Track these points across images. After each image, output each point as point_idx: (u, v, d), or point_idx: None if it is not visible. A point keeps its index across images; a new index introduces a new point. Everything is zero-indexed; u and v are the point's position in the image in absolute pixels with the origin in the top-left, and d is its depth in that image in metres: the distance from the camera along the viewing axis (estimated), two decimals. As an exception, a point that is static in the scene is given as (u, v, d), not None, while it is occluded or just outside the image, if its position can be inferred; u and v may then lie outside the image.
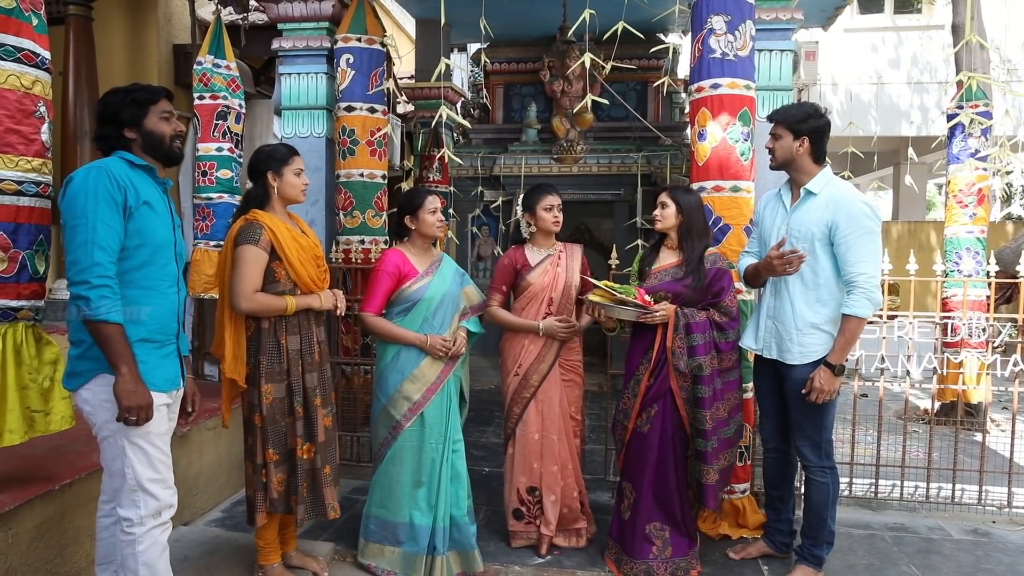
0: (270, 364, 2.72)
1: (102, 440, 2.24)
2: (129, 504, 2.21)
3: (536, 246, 3.32)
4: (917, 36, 11.39)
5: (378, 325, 3.03)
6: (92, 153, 4.65)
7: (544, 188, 3.29)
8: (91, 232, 2.10)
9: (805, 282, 2.87)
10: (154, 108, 2.28)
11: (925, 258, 3.95)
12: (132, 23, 5.52)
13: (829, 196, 2.85)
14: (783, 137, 2.91)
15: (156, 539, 2.24)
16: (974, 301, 5.28)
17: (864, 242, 2.76)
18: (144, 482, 2.21)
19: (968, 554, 3.36)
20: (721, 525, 3.47)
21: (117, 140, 2.27)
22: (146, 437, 2.21)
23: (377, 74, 4.40)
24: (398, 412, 3.00)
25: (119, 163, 2.22)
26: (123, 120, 2.25)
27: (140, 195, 2.20)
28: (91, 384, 2.19)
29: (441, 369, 3.02)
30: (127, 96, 2.26)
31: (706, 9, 3.44)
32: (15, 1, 2.45)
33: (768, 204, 3.12)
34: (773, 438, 3.14)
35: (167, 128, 2.31)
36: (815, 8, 6.21)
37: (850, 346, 2.81)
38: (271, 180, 2.77)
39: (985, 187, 5.41)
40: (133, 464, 2.20)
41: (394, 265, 3.03)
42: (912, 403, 6.11)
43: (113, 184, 2.14)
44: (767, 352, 3.00)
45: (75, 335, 2.21)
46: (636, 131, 7.22)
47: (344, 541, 3.30)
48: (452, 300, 3.08)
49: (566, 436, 3.26)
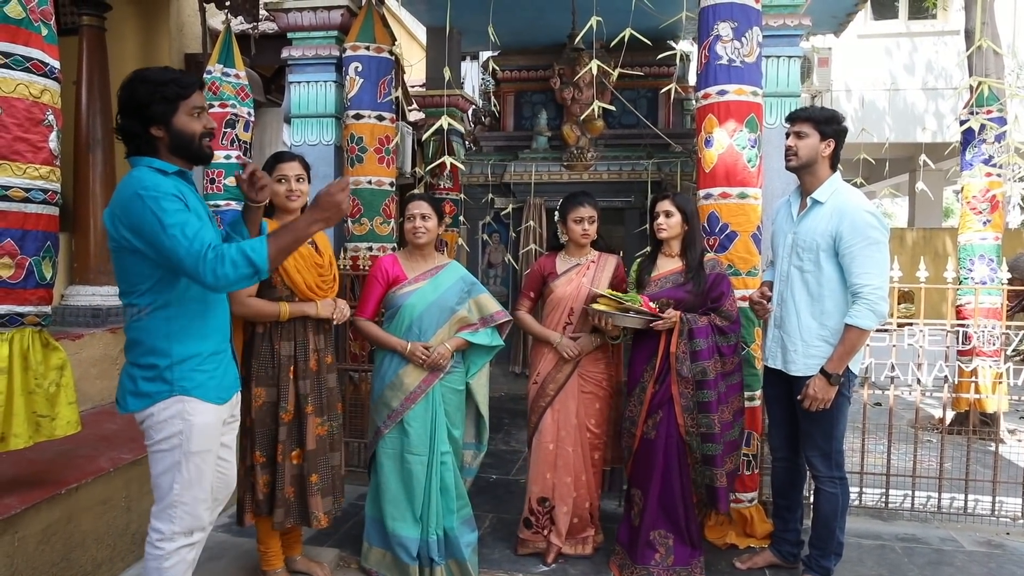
0: (261, 368, 2.74)
1: (156, 453, 2.15)
2: (165, 518, 2.15)
3: (568, 255, 3.32)
4: (932, 42, 11.30)
5: (364, 328, 3.05)
6: (104, 162, 4.72)
7: (576, 199, 3.25)
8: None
9: (810, 293, 2.84)
10: (184, 104, 2.11)
11: (941, 265, 3.90)
12: (144, 33, 5.60)
13: (834, 206, 2.80)
14: (809, 136, 2.83)
15: (183, 557, 2.18)
16: (988, 309, 5.21)
17: (869, 252, 2.71)
18: (189, 500, 2.14)
19: (981, 566, 3.31)
20: (728, 534, 3.44)
21: (141, 138, 2.11)
22: (204, 456, 2.16)
23: (385, 82, 4.43)
24: (379, 418, 3.02)
25: (150, 174, 2.07)
26: (150, 117, 2.08)
27: (190, 203, 2.09)
28: (163, 402, 2.10)
29: (422, 379, 2.96)
30: (156, 90, 2.07)
31: (712, 16, 3.43)
32: (25, 12, 2.48)
33: (779, 212, 3.10)
34: (781, 447, 3.11)
35: (197, 126, 2.15)
36: (826, 14, 6.19)
37: (849, 356, 2.75)
38: None
39: (999, 193, 5.34)
40: (184, 482, 2.13)
41: (382, 270, 3.05)
42: (927, 412, 6.04)
43: (171, 194, 2.02)
44: (771, 361, 2.98)
45: (144, 359, 2.12)
46: (647, 138, 7.19)
47: (349, 547, 3.30)
48: (442, 310, 3.00)
49: (582, 448, 3.24)
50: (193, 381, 2.13)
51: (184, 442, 2.11)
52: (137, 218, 1.99)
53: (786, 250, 2.94)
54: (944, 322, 3.91)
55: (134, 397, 2.13)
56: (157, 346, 2.11)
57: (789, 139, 2.89)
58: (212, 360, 2.18)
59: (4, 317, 2.47)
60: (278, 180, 2.78)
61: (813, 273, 2.81)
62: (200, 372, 2.14)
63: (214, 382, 2.17)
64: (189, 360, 2.13)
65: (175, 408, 2.10)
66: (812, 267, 2.82)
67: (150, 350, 2.11)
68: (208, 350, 2.17)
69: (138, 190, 2.01)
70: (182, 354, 2.12)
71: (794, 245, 2.89)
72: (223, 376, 2.23)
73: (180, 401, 2.10)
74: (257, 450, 2.75)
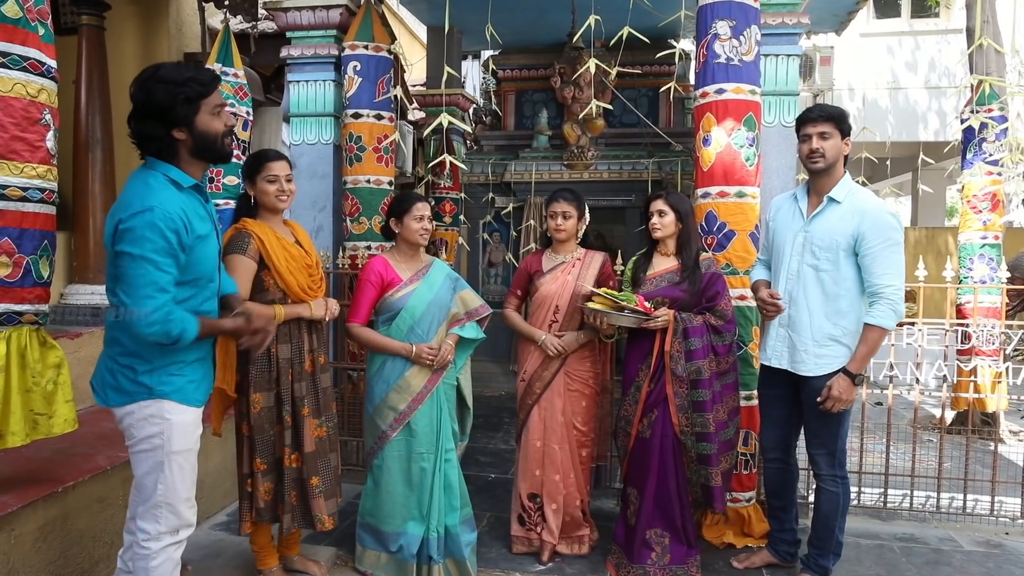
0: (259, 373, 2.73)
1: (137, 453, 2.16)
2: (150, 518, 2.15)
3: (554, 252, 3.32)
4: (935, 40, 11.27)
5: (363, 335, 2.99)
6: (104, 161, 4.72)
7: (554, 195, 3.27)
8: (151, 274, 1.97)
9: (826, 292, 2.81)
10: (206, 104, 2.05)
11: (942, 264, 3.89)
12: (144, 32, 5.61)
13: (853, 205, 2.79)
14: (832, 136, 2.79)
15: (170, 556, 2.19)
16: (988, 308, 5.20)
17: (889, 253, 2.71)
18: (174, 500, 2.15)
19: (979, 566, 3.30)
20: (726, 534, 3.43)
21: (162, 141, 2.05)
22: (187, 456, 2.17)
23: (384, 81, 4.43)
24: (384, 422, 2.97)
25: (169, 194, 2.02)
26: (173, 120, 2.02)
27: (193, 230, 2.06)
28: (140, 402, 2.11)
29: (428, 379, 2.97)
30: (177, 91, 2.00)
31: (711, 14, 3.42)
32: (22, 11, 2.49)
33: (781, 210, 3.04)
34: (775, 447, 3.10)
35: (219, 124, 2.10)
36: (827, 13, 6.17)
37: (871, 356, 2.75)
38: (249, 189, 2.77)
39: (999, 192, 5.33)
40: (168, 481, 2.13)
41: (376, 274, 2.98)
42: (926, 412, 6.03)
43: (168, 227, 1.98)
44: (776, 361, 2.95)
45: (124, 359, 2.11)
46: (647, 137, 7.19)
47: (346, 546, 3.30)
48: (440, 308, 3.02)
49: (569, 445, 3.24)
50: (172, 386, 2.12)
51: (165, 442, 2.12)
52: (129, 228, 1.96)
53: (796, 248, 2.90)
54: (943, 321, 3.90)
55: (114, 392, 2.13)
56: (140, 351, 2.09)
57: (813, 141, 2.80)
58: (193, 366, 2.18)
59: (1, 315, 2.46)
60: (268, 180, 2.74)
61: (830, 272, 2.79)
62: (180, 377, 2.14)
63: (193, 386, 2.18)
64: (169, 366, 2.12)
65: (154, 408, 2.10)
66: (830, 266, 2.80)
67: (130, 352, 2.10)
68: (190, 358, 2.17)
69: (146, 207, 1.97)
70: (165, 360, 2.11)
71: (806, 244, 2.86)
72: (202, 380, 2.24)
73: (158, 403, 2.11)
74: (257, 457, 2.73)
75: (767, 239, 3.12)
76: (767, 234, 3.12)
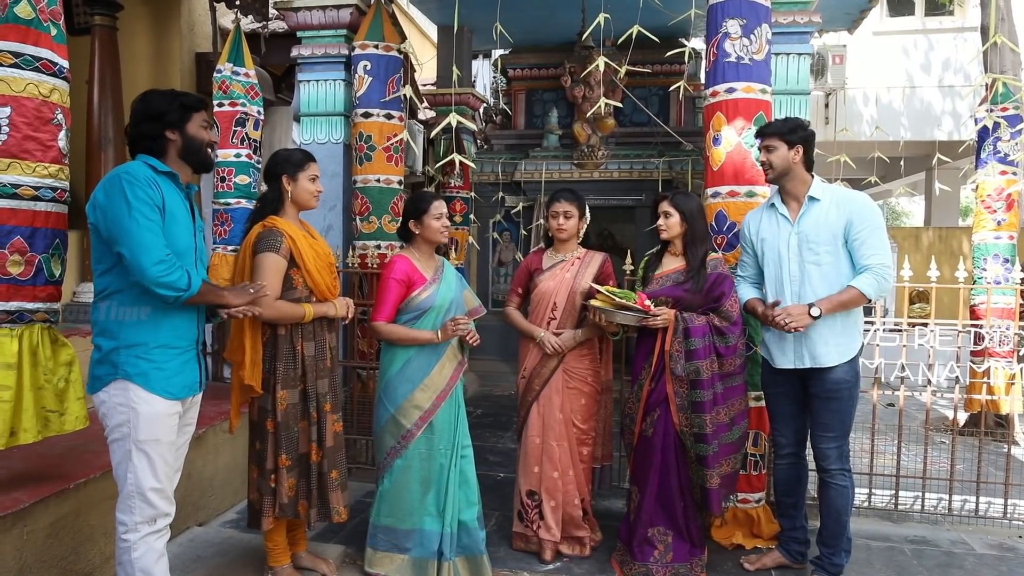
0: (286, 370, 2.75)
1: (111, 443, 2.27)
2: (125, 509, 2.24)
3: (555, 251, 3.33)
4: (949, 39, 11.16)
5: (393, 331, 2.96)
6: (116, 160, 4.75)
7: (556, 195, 3.28)
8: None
9: (831, 284, 2.88)
10: (197, 115, 2.32)
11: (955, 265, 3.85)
12: (156, 32, 5.64)
13: (835, 199, 2.93)
14: (778, 148, 2.94)
15: (151, 546, 2.25)
16: (1002, 309, 5.14)
17: (877, 235, 2.86)
18: (144, 490, 2.23)
19: (991, 569, 3.27)
20: (735, 535, 3.42)
21: (154, 140, 2.27)
22: (153, 446, 2.24)
23: (394, 80, 4.44)
24: (409, 421, 2.96)
25: (142, 167, 2.22)
26: (168, 121, 2.26)
27: (164, 198, 2.21)
28: (108, 387, 2.22)
29: (450, 376, 3.00)
30: (173, 99, 2.29)
31: (721, 13, 3.41)
32: (35, 12, 2.51)
33: (762, 222, 3.07)
34: (790, 443, 3.10)
35: (206, 135, 2.36)
36: (839, 11, 6.14)
37: (839, 309, 2.84)
38: (286, 184, 2.78)
39: (1015, 192, 5.28)
40: (136, 470, 2.22)
41: (403, 272, 2.97)
42: (938, 413, 5.98)
43: (144, 180, 2.18)
44: (797, 363, 2.95)
45: (97, 339, 2.25)
46: (658, 136, 7.17)
47: (355, 544, 3.30)
48: (458, 305, 3.07)
49: (568, 443, 3.24)
50: (136, 368, 2.20)
51: (132, 431, 2.20)
52: (107, 196, 2.15)
53: (792, 251, 2.95)
54: (956, 322, 3.87)
55: (92, 380, 2.26)
56: (108, 328, 2.22)
57: (762, 154, 3.00)
58: (161, 352, 2.24)
59: (14, 313, 2.50)
60: (310, 179, 2.82)
61: (832, 264, 2.89)
62: (144, 360, 2.21)
63: (160, 374, 2.23)
64: (135, 347, 2.21)
65: (122, 396, 2.19)
66: (831, 258, 2.89)
67: (102, 331, 2.22)
68: (157, 341, 2.23)
69: (120, 173, 2.18)
70: (129, 340, 2.21)
71: (801, 244, 2.93)
72: (175, 373, 2.27)
73: (125, 387, 2.19)
74: (283, 453, 2.75)
75: (751, 254, 3.13)
76: (751, 249, 3.12)
